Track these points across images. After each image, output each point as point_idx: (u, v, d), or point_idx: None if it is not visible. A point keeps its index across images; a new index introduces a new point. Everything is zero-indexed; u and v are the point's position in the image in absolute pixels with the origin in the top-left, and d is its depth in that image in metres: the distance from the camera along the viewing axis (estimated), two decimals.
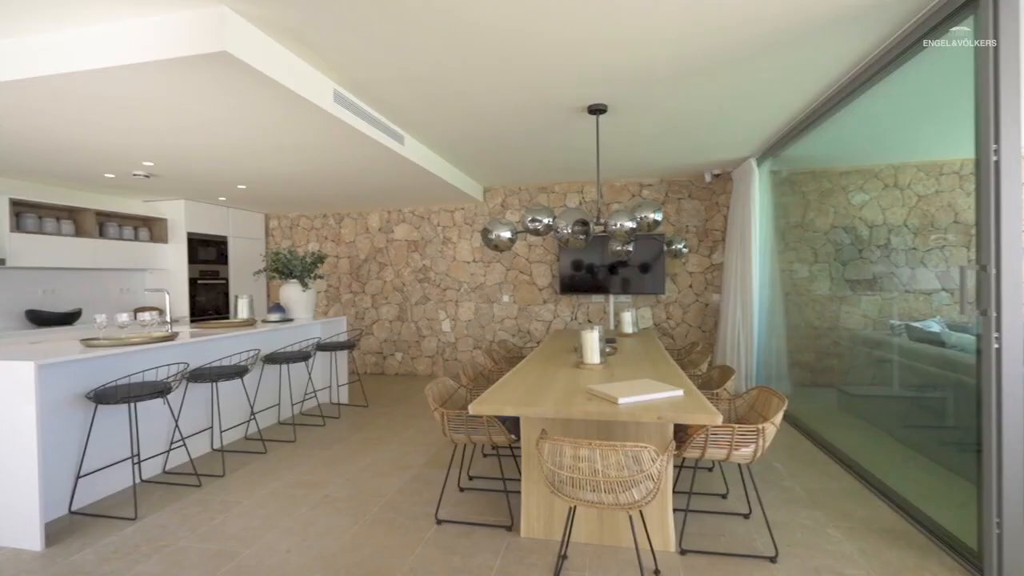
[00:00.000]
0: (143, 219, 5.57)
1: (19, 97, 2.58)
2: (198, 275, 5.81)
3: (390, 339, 6.61)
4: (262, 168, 4.24)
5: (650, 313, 5.76)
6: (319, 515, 2.63)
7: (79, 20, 2.16)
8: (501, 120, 3.54)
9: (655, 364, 2.89)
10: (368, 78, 2.82)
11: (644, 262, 5.57)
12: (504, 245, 2.73)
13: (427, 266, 6.46)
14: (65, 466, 2.68)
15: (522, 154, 4.54)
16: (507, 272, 6.17)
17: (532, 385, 2.39)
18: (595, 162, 4.88)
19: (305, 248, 6.90)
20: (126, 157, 3.77)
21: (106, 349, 2.77)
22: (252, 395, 3.97)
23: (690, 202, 5.63)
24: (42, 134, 3.20)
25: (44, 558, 2.27)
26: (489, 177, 5.63)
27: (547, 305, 6.05)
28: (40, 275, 4.65)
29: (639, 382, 2.30)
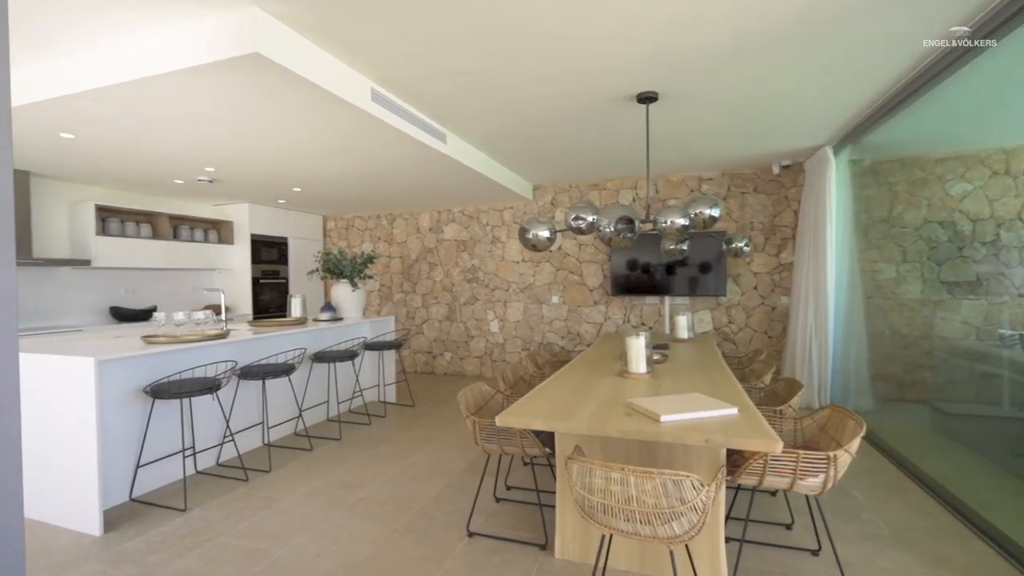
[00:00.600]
0: (212, 222, 5.93)
1: (88, 108, 2.75)
2: (260, 275, 6.11)
3: (439, 339, 6.63)
4: (312, 170, 4.35)
5: (709, 316, 5.36)
6: (353, 518, 2.61)
7: (127, 32, 2.25)
8: (545, 113, 3.38)
9: (709, 375, 2.62)
10: (405, 75, 2.76)
11: (704, 261, 5.20)
12: (543, 245, 2.58)
13: (476, 266, 6.41)
14: (126, 455, 2.83)
15: (569, 149, 4.35)
16: (556, 272, 5.99)
17: (569, 395, 2.22)
18: (652, 155, 4.60)
19: (359, 248, 7.08)
20: (190, 163, 3.99)
21: (163, 346, 2.91)
22: (301, 392, 4.08)
23: (755, 196, 5.18)
24: (116, 143, 3.42)
25: (100, 543, 2.40)
26: (538, 175, 5.48)
27: (598, 307, 5.80)
28: (122, 275, 5.05)
29: (688, 396, 2.07)
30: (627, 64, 2.64)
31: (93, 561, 2.24)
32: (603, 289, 5.77)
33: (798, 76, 2.83)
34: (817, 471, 1.80)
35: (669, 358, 3.15)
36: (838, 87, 3.02)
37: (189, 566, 2.20)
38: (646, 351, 2.58)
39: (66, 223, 4.63)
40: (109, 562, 2.24)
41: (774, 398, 2.77)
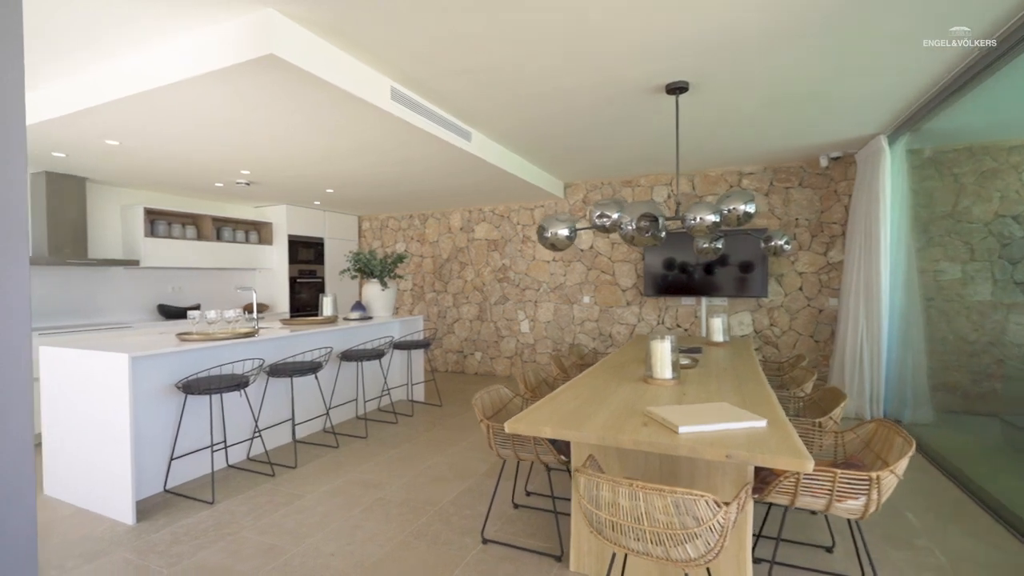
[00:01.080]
0: (253, 223, 6.15)
1: (123, 116, 2.88)
2: (297, 274, 6.29)
3: (470, 338, 6.62)
4: (341, 172, 4.42)
5: (750, 319, 5.08)
6: (370, 519, 2.60)
7: (149, 41, 2.32)
8: (570, 107, 3.28)
9: (741, 382, 2.45)
10: (424, 73, 2.73)
11: (745, 261, 4.92)
12: (562, 244, 2.48)
13: (506, 265, 6.36)
14: (161, 448, 2.95)
15: (599, 145, 4.21)
16: (588, 272, 5.85)
17: (585, 401, 2.11)
18: (685, 149, 4.39)
19: (393, 248, 7.18)
20: (226, 166, 4.13)
21: (195, 344, 3.01)
22: (330, 390, 4.15)
23: (801, 191, 4.85)
24: (155, 149, 3.58)
25: (132, 532, 2.50)
26: (569, 172, 5.36)
27: (631, 307, 5.62)
28: (169, 274, 5.31)
29: (713, 406, 1.92)
30: (654, 52, 2.50)
31: (123, 549, 2.33)
32: (636, 289, 5.58)
33: (843, 59, 2.60)
34: (857, 493, 1.62)
35: (700, 363, 2.97)
36: (891, 70, 2.76)
37: (209, 559, 2.25)
38: (672, 355, 2.43)
39: (119, 226, 4.91)
40: (137, 551, 2.32)
41: (815, 408, 2.56)
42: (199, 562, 2.23)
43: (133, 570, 2.17)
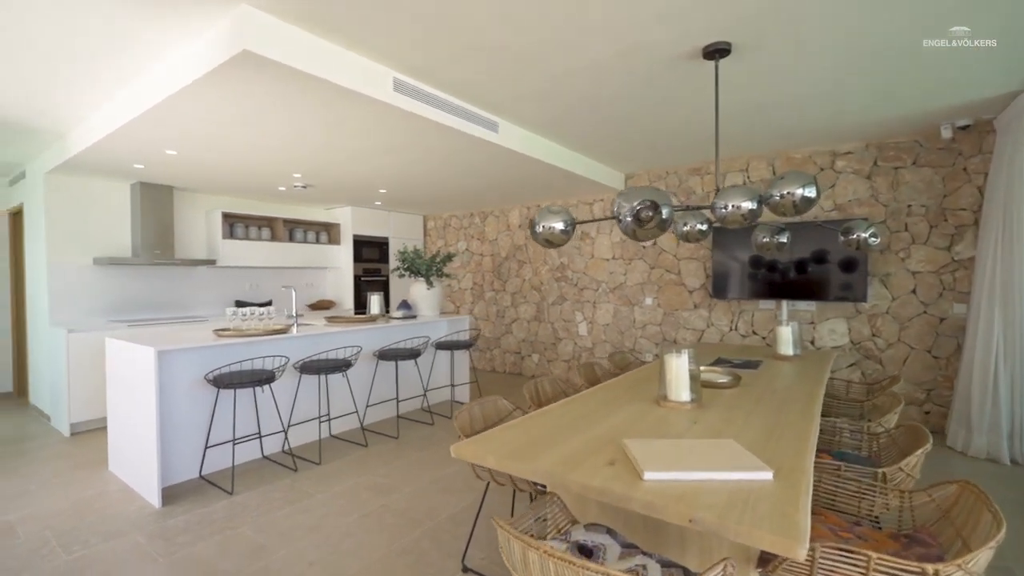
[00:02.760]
0: (324, 224, 6.51)
1: (155, 128, 3.08)
2: (362, 272, 6.53)
3: (527, 339, 6.39)
4: (378, 170, 4.43)
5: (844, 327, 4.23)
6: (364, 527, 2.51)
7: (157, 52, 2.42)
8: (598, 84, 2.91)
9: (783, 410, 1.94)
10: (426, 60, 2.56)
11: (842, 258, 4.10)
12: (559, 239, 2.15)
13: (564, 264, 6.03)
14: (197, 436, 3.13)
15: (644, 127, 3.75)
16: (650, 271, 5.32)
17: (567, 424, 1.79)
18: (757, 126, 3.76)
19: (455, 246, 7.19)
20: (276, 169, 4.34)
21: (226, 339, 3.15)
22: (366, 388, 4.18)
23: (915, 171, 3.92)
24: (208, 156, 3.85)
25: (154, 515, 2.66)
26: (628, 162, 4.90)
27: (698, 311, 5.00)
28: (245, 272, 5.78)
29: (713, 444, 1.51)
30: (680, 6, 2.08)
31: (138, 532, 2.47)
32: (705, 290, 4.95)
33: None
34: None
35: (746, 382, 2.45)
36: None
37: (201, 552, 2.30)
38: (690, 373, 2.00)
39: (203, 228, 5.43)
40: (148, 535, 2.45)
41: (894, 450, 1.96)
42: (191, 555, 2.28)
43: (137, 554, 2.28)
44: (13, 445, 3.78)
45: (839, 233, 2.85)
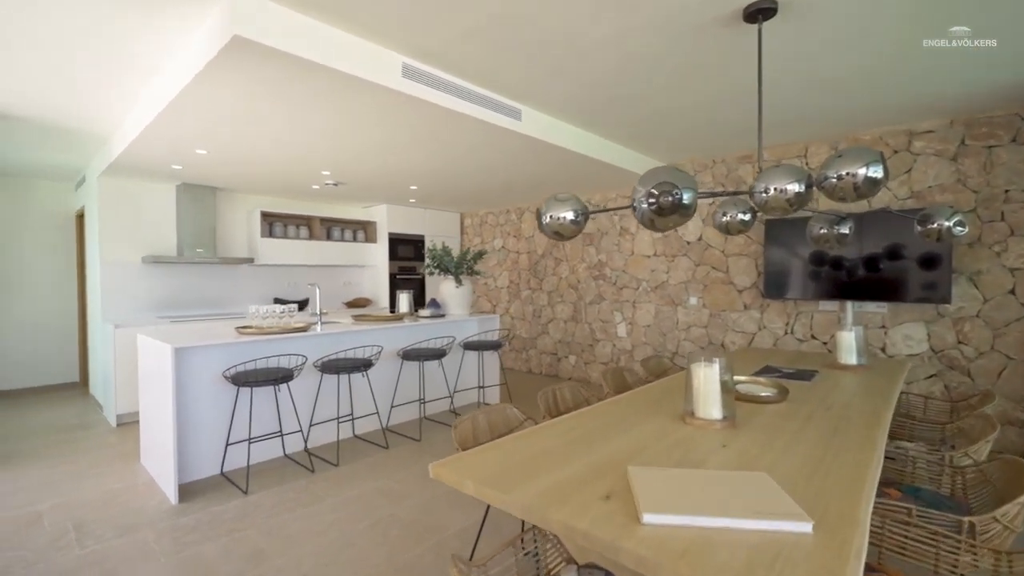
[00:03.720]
0: (360, 223, 6.54)
1: (175, 128, 3.10)
2: (397, 271, 6.52)
3: (564, 340, 6.13)
4: (403, 166, 4.32)
5: (923, 332, 3.68)
6: (368, 537, 2.38)
7: (172, 48, 2.39)
8: (625, 60, 2.63)
9: (838, 434, 1.61)
10: (435, 41, 2.39)
11: (928, 253, 3.57)
12: (569, 231, 1.91)
13: (602, 261, 5.71)
14: (218, 433, 3.14)
15: (682, 108, 3.40)
16: (695, 268, 4.92)
17: (568, 443, 1.56)
18: (814, 104, 3.33)
19: (491, 244, 7.04)
20: (307, 168, 4.34)
21: (245, 337, 3.14)
22: (391, 389, 4.10)
23: (1015, 150, 3.33)
24: (237, 155, 3.88)
25: (169, 512, 2.66)
26: (670, 151, 4.54)
27: (749, 312, 4.55)
28: (283, 270, 5.90)
29: (743, 479, 1.23)
30: None
31: (149, 529, 2.47)
32: (756, 290, 4.50)
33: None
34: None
35: (795, 396, 2.10)
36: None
37: (204, 554, 2.25)
38: (721, 383, 1.71)
39: (244, 228, 5.58)
40: (158, 532, 2.44)
41: (987, 490, 1.58)
42: (195, 555, 2.24)
43: (143, 552, 2.27)
44: (66, 433, 3.99)
45: (915, 222, 2.41)
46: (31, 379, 5.40)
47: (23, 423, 4.25)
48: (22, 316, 5.32)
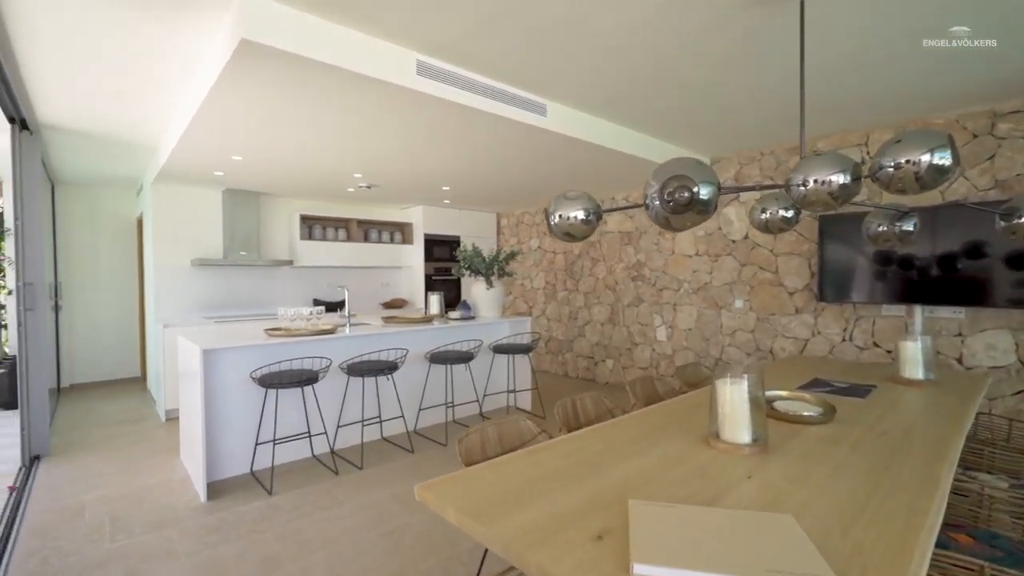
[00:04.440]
0: (397, 224, 6.61)
1: (207, 135, 3.18)
2: (433, 272, 6.53)
3: (601, 343, 5.92)
4: (430, 166, 4.27)
5: (1009, 341, 3.22)
6: (380, 547, 2.33)
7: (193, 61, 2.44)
8: (655, 48, 2.44)
9: (888, 468, 1.37)
10: (449, 36, 2.30)
11: (1016, 252, 3.13)
12: (581, 231, 1.75)
13: (641, 261, 5.46)
14: (247, 433, 3.21)
15: (719, 96, 3.14)
16: (741, 268, 4.59)
17: (570, 466, 1.42)
18: (875, 84, 2.99)
19: (528, 244, 6.92)
20: (338, 170, 4.39)
21: (273, 339, 3.19)
22: (419, 392, 4.07)
23: None
24: (270, 160, 3.97)
25: (197, 510, 2.73)
26: (711, 143, 4.25)
27: (802, 316, 4.18)
28: (321, 272, 6.04)
29: (762, 522, 1.04)
30: None
31: (176, 527, 2.54)
32: (810, 292, 4.13)
33: None
34: None
35: (844, 416, 1.85)
36: None
37: (221, 555, 2.27)
38: (751, 400, 1.51)
39: (285, 230, 5.76)
40: (183, 531, 2.50)
41: None
42: (211, 557, 2.26)
43: (165, 550, 2.32)
44: (121, 426, 4.24)
45: (998, 217, 2.07)
46: (99, 374, 5.82)
47: (87, 415, 4.56)
48: (92, 315, 5.74)
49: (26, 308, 3.45)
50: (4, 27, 2.21)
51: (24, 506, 2.79)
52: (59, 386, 5.51)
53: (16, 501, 2.85)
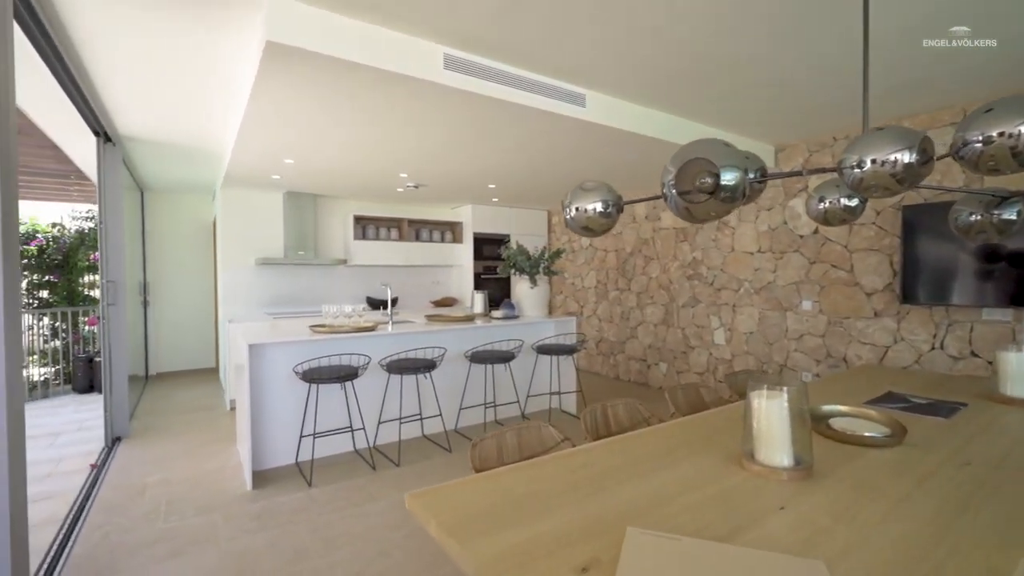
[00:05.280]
0: (448, 224, 6.67)
1: (254, 140, 3.33)
2: (482, 270, 6.52)
3: (654, 346, 5.63)
4: (471, 163, 4.24)
5: None
6: (404, 548, 2.32)
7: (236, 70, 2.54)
8: (703, 21, 2.23)
9: (967, 509, 1.12)
10: (477, 26, 2.23)
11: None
12: (599, 225, 1.58)
13: (697, 259, 5.12)
14: (293, 425, 3.34)
15: (780, 75, 2.83)
16: (810, 266, 4.16)
17: (575, 482, 1.30)
18: (967, 52, 2.58)
19: (578, 242, 6.73)
20: (383, 170, 4.48)
21: (319, 335, 3.29)
22: (460, 391, 4.05)
23: None
24: (318, 162, 4.11)
25: (241, 498, 2.86)
26: (775, 130, 3.88)
27: (881, 320, 3.72)
28: (373, 271, 6.21)
29: (786, 570, 0.87)
30: None
31: (220, 513, 2.67)
32: (891, 292, 3.65)
33: None
34: None
35: (917, 438, 1.57)
36: None
37: (255, 544, 2.35)
38: (791, 414, 1.31)
39: (340, 231, 5.99)
40: (226, 517, 2.62)
41: None
42: (246, 545, 2.35)
43: (208, 534, 2.44)
44: (193, 413, 4.59)
45: None
46: (181, 364, 6.37)
47: (166, 402, 4.99)
48: (175, 310, 6.29)
49: (108, 303, 3.80)
50: (78, 52, 2.42)
51: (100, 484, 3.07)
52: (147, 374, 6.08)
53: (94, 478, 3.14)
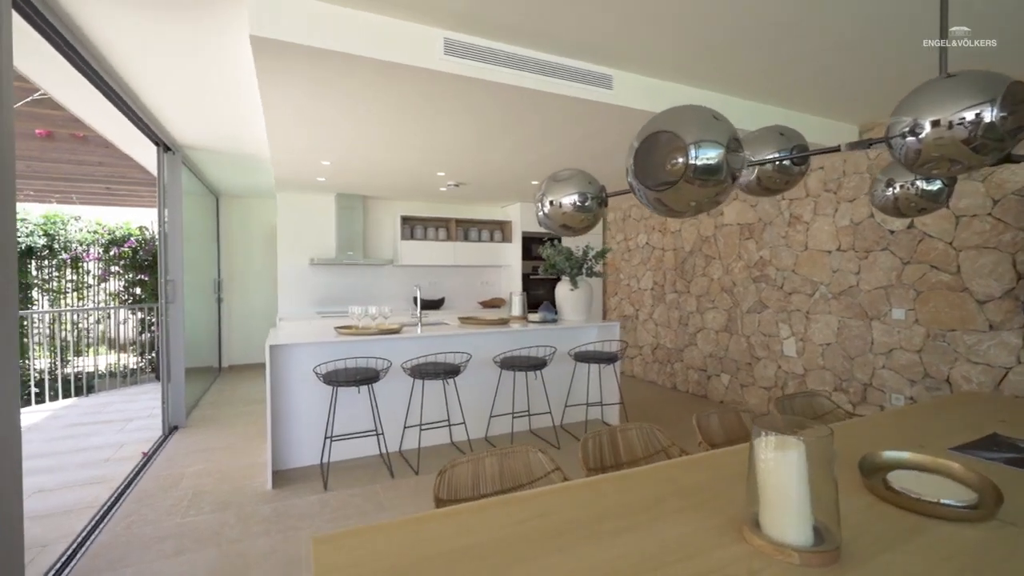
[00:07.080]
0: (496, 223, 6.53)
1: (283, 142, 3.35)
2: (530, 271, 6.30)
3: (715, 355, 5.08)
4: (499, 158, 4.02)
5: None
6: None
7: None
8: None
9: None
10: (479, 7, 2.03)
11: None
12: (578, 222, 1.29)
13: (764, 259, 4.53)
14: (315, 427, 3.34)
15: (852, 40, 2.33)
16: (903, 267, 3.48)
17: (518, 535, 1.05)
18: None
19: (635, 241, 6.29)
20: (420, 169, 4.40)
21: (343, 337, 3.26)
22: (490, 398, 3.86)
23: None
24: (355, 163, 4.12)
25: (259, 496, 2.88)
26: (856, 108, 3.30)
27: (999, 334, 3.01)
28: (421, 270, 6.21)
29: None
30: None
31: (235, 511, 2.70)
32: (1014, 300, 2.94)
33: None
34: None
35: (1016, 508, 1.13)
36: None
37: (259, 548, 2.33)
38: (812, 478, 0.96)
39: (389, 231, 6.05)
40: (240, 516, 2.64)
41: None
42: (247, 549, 2.33)
43: (215, 533, 2.46)
44: (247, 406, 4.83)
45: None
46: (249, 357, 6.80)
47: (228, 394, 5.31)
48: (245, 307, 6.72)
49: (168, 301, 4.07)
50: (116, 70, 2.53)
51: (144, 472, 3.25)
52: (220, 366, 6.55)
53: (141, 466, 3.34)
